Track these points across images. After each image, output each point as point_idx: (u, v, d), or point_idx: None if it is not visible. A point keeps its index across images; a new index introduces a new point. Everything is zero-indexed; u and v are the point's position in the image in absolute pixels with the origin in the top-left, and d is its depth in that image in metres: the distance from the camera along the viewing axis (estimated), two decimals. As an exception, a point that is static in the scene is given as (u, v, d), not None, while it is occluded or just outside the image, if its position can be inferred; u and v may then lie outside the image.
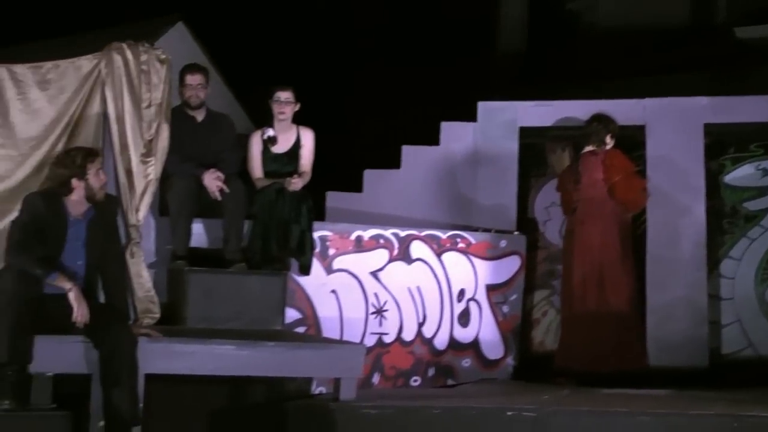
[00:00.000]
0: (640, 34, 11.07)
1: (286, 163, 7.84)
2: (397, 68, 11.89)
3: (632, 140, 8.46)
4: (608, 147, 8.24)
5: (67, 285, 6.07)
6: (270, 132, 7.81)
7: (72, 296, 6.06)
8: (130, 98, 6.99)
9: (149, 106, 7.04)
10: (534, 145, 8.88)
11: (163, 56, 7.11)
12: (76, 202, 6.30)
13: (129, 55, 7.01)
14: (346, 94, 11.57)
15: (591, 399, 7.20)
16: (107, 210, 6.42)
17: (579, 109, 8.55)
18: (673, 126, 8.47)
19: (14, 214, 6.32)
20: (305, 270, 7.52)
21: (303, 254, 7.48)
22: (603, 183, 8.11)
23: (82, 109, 6.96)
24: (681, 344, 8.14)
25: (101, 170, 6.35)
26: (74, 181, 6.26)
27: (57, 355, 6.07)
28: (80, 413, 6.08)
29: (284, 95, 7.81)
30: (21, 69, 6.90)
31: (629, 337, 8.05)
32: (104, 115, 6.99)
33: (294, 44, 11.84)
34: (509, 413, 6.59)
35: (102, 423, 6.06)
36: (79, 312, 6.05)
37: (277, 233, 7.42)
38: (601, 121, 8.24)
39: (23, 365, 5.92)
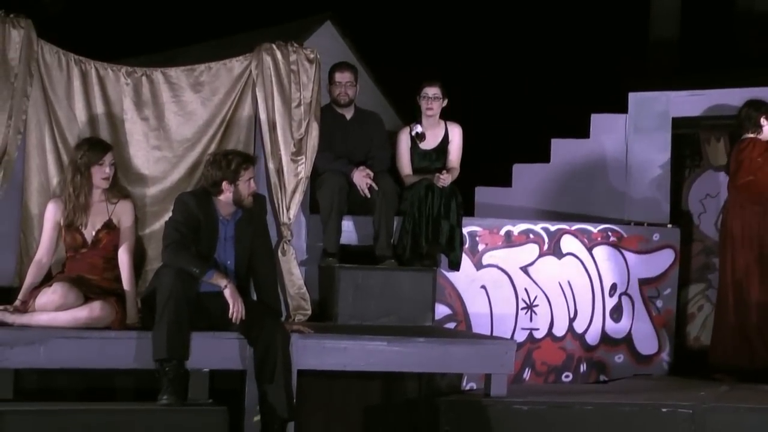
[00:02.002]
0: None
1: (434, 159, 7.86)
2: (546, 60, 11.80)
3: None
4: (766, 129, 7.98)
5: (222, 282, 6.19)
6: (418, 128, 7.82)
7: (228, 293, 6.17)
8: (280, 98, 7.09)
9: (299, 105, 7.13)
10: (688, 136, 8.68)
11: (312, 55, 7.18)
12: (224, 203, 6.40)
13: (278, 55, 7.11)
14: (494, 88, 11.53)
15: (751, 395, 7.01)
16: (255, 209, 6.49)
17: (734, 97, 8.31)
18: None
19: (169, 215, 6.45)
20: (455, 266, 7.52)
21: (453, 250, 7.48)
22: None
23: (233, 110, 7.08)
24: None
25: (253, 179, 6.42)
26: (225, 184, 6.35)
27: (213, 352, 6.21)
28: (235, 408, 6.20)
29: (432, 91, 7.82)
30: (175, 72, 7.03)
31: None
32: (255, 116, 7.11)
33: (442, 40, 11.86)
34: (664, 410, 6.50)
35: (257, 418, 6.18)
36: (235, 308, 6.16)
37: (427, 229, 7.43)
38: (752, 105, 8.00)
39: (181, 361, 6.05)
